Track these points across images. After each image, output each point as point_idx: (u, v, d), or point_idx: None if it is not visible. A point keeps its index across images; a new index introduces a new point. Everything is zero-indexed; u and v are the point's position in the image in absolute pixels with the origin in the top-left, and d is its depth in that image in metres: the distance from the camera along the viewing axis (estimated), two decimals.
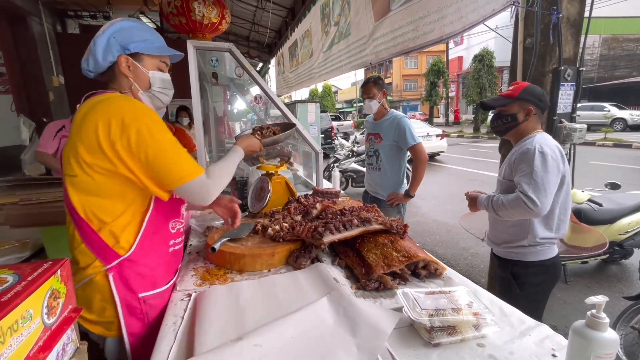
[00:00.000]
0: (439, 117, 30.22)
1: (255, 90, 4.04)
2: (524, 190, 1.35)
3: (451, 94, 27.03)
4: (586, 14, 2.07)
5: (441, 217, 5.26)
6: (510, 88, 1.55)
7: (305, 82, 5.07)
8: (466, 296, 0.88)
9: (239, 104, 4.38)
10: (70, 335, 0.56)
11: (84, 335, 0.81)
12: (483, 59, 17.19)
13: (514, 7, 1.76)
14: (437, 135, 10.08)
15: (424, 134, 9.84)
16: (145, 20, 5.69)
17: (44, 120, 3.94)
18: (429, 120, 21.97)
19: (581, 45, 2.04)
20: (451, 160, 10.58)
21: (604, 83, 20.21)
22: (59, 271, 0.52)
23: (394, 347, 0.78)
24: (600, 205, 2.97)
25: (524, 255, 1.55)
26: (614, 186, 3.04)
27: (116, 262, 0.93)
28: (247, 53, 6.86)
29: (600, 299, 0.61)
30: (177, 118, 3.80)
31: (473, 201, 1.63)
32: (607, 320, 0.60)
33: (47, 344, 0.48)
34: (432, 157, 10.79)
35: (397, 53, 2.39)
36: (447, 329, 0.80)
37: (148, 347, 0.89)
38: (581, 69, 2.03)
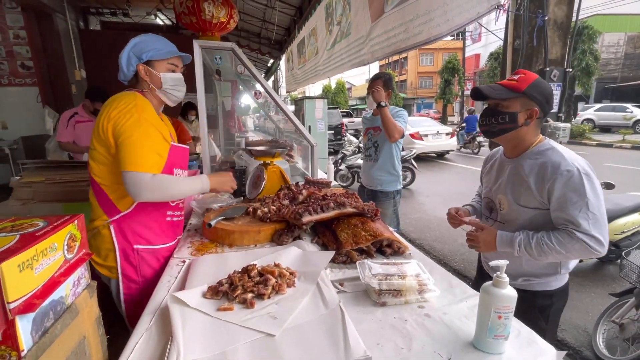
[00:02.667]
0: (454, 115, 29.78)
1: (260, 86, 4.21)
2: (586, 229, 1.07)
3: (467, 92, 26.63)
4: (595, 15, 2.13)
5: (443, 214, 5.27)
6: (515, 77, 1.20)
7: (311, 79, 5.22)
8: (415, 268, 1.02)
9: (248, 99, 4.57)
10: (83, 272, 0.74)
11: (96, 277, 1.03)
12: (499, 57, 16.87)
13: (498, 10, 1.85)
14: (447, 134, 10.03)
15: (434, 131, 9.84)
16: (161, 17, 5.94)
17: (66, 109, 4.23)
18: (442, 119, 21.73)
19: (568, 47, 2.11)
20: (460, 158, 10.53)
21: (628, 83, 19.47)
22: (76, 221, 0.70)
23: (346, 306, 0.93)
24: None
25: (548, 285, 1.27)
26: (609, 186, 3.07)
27: (117, 216, 1.20)
28: (259, 50, 7.04)
29: (501, 262, 0.74)
30: (183, 114, 3.97)
31: (489, 244, 1.23)
32: (507, 279, 0.74)
33: (67, 272, 0.66)
34: (441, 155, 10.76)
35: (391, 53, 2.50)
36: (393, 292, 0.95)
37: (139, 292, 1.23)
38: (568, 70, 2.10)
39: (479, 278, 1.53)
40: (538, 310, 1.26)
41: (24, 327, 0.54)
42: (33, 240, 0.57)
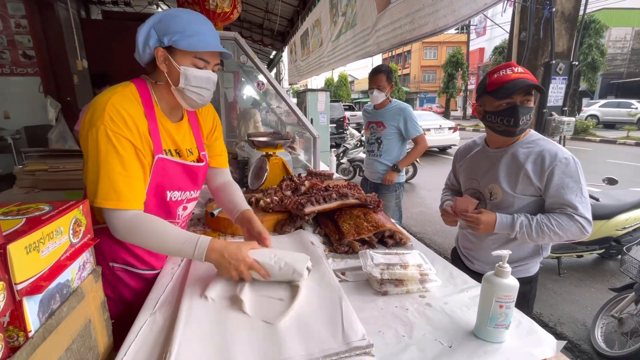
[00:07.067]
0: (457, 110, 29.59)
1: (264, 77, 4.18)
2: (582, 212, 1.15)
3: (471, 87, 26.37)
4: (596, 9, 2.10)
5: None
6: (521, 71, 1.19)
7: (316, 71, 5.19)
8: (417, 258, 1.03)
9: (250, 91, 4.55)
10: (88, 257, 0.75)
11: None
12: (504, 51, 16.68)
13: (505, 1, 1.83)
14: (450, 128, 9.98)
15: (436, 126, 9.79)
16: (163, 7, 5.88)
17: (68, 99, 4.22)
18: (445, 113, 21.61)
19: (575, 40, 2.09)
20: None
21: (634, 79, 19.25)
22: (81, 206, 0.70)
23: (348, 295, 0.93)
24: (597, 200, 3.01)
25: (528, 270, 1.35)
26: (611, 181, 3.06)
27: (95, 227, 0.88)
28: (261, 41, 6.98)
29: (504, 252, 0.74)
30: None
31: (488, 225, 1.22)
32: (509, 269, 0.74)
33: (72, 256, 0.66)
34: (444, 149, 10.72)
35: (397, 44, 2.47)
36: (394, 281, 0.96)
37: (115, 309, 0.97)
38: (574, 63, 2.08)
39: (453, 263, 1.52)
40: (522, 297, 1.32)
41: (31, 309, 0.55)
42: (39, 223, 0.58)
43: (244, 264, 0.90)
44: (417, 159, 6.64)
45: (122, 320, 0.85)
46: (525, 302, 1.36)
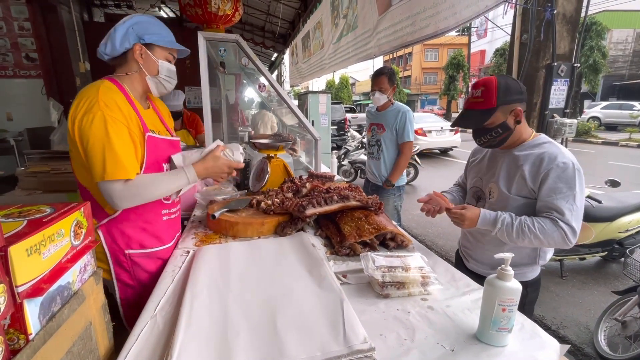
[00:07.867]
0: (458, 111, 29.53)
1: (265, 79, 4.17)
2: (568, 220, 1.11)
3: None
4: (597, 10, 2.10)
5: None
6: (477, 94, 1.21)
7: (317, 73, 5.20)
8: (418, 261, 1.02)
9: (251, 93, 4.56)
10: (89, 259, 0.75)
11: None
12: (505, 52, 16.69)
13: (506, 4, 1.83)
14: (451, 130, 9.97)
15: (438, 128, 9.78)
16: (165, 9, 5.92)
17: (70, 101, 4.23)
18: (447, 115, 21.59)
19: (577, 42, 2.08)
20: (464, 155, 10.46)
21: (635, 81, 19.19)
22: (82, 208, 0.70)
23: (349, 297, 0.93)
24: (600, 202, 3.00)
25: (524, 276, 1.31)
26: (614, 183, 3.05)
27: (105, 220, 1.11)
28: (262, 43, 7.00)
29: (507, 255, 0.74)
30: None
31: (472, 221, 1.21)
32: (512, 272, 0.74)
33: (73, 258, 0.66)
34: (445, 151, 10.71)
35: (398, 46, 2.48)
36: (396, 284, 0.95)
37: (135, 295, 1.19)
38: (575, 65, 2.08)
39: (456, 264, 1.56)
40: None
41: (31, 311, 0.55)
42: (40, 225, 0.58)
43: (226, 167, 1.23)
44: (419, 161, 6.66)
45: (142, 304, 0.92)
46: (520, 307, 1.32)
